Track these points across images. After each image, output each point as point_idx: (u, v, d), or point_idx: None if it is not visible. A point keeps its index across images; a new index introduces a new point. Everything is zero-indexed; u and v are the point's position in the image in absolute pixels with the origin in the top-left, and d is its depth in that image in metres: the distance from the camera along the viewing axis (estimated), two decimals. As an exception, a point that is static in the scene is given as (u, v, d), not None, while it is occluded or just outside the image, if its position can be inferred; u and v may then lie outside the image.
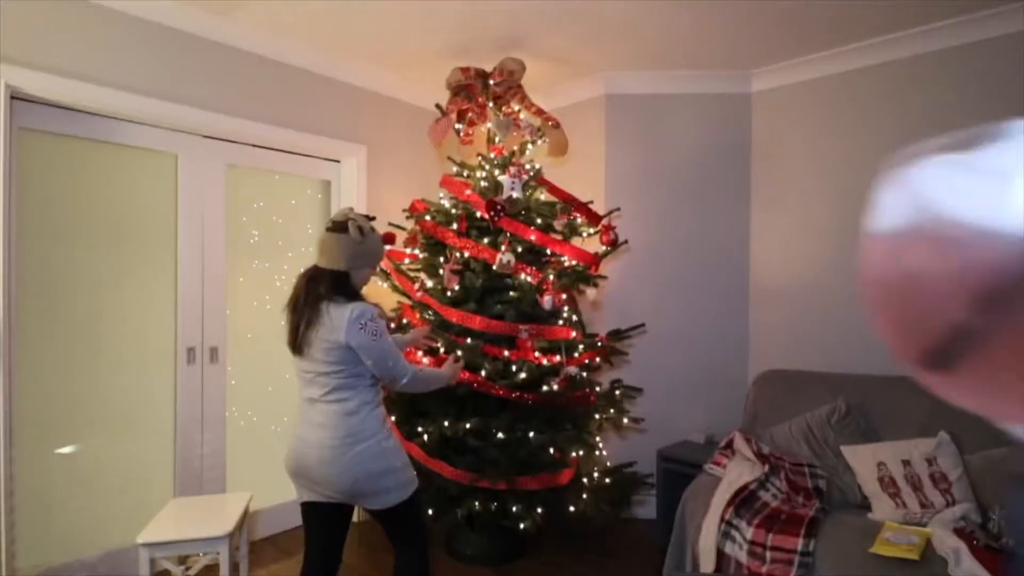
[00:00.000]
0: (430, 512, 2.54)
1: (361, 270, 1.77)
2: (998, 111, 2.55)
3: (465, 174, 2.92)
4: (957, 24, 2.60)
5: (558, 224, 2.74)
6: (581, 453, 2.65)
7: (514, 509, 2.47)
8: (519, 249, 2.67)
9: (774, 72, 3.19)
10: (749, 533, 2.11)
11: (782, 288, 3.22)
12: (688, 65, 3.19)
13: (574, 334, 2.73)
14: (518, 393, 2.46)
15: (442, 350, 2.55)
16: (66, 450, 2.41)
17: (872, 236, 0.24)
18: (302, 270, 1.80)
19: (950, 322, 0.21)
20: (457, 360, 2.09)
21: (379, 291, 3.22)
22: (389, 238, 1.91)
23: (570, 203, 2.83)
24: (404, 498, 1.75)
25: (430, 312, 2.76)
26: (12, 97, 2.17)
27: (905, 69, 2.79)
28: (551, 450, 2.55)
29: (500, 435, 2.48)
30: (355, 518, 3.22)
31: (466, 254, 2.66)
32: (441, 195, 2.95)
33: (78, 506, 2.44)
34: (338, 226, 1.73)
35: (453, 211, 2.79)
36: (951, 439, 2.20)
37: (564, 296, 2.64)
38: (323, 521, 1.79)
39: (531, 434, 2.52)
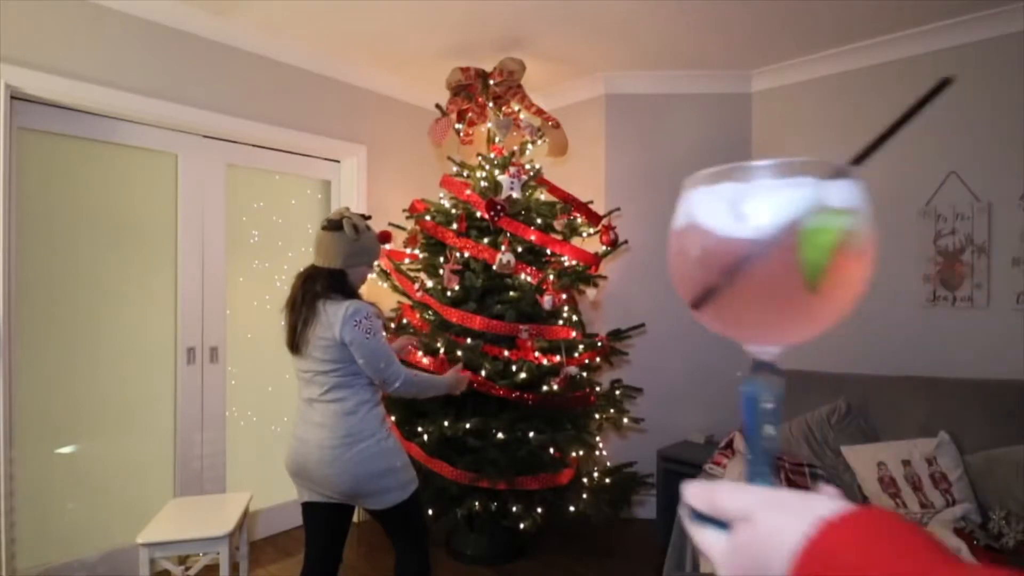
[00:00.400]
0: (430, 512, 2.54)
1: (357, 268, 1.76)
2: (998, 111, 2.55)
3: (465, 174, 2.92)
4: (957, 24, 2.60)
5: (558, 224, 2.74)
6: (581, 453, 2.64)
7: (514, 509, 2.47)
8: (519, 249, 2.67)
9: (774, 72, 3.19)
10: (749, 533, 2.11)
11: (782, 288, 3.21)
12: (688, 65, 3.19)
13: (574, 334, 2.73)
14: (518, 393, 2.46)
15: (442, 350, 2.55)
16: (66, 450, 2.41)
17: (671, 231, 0.40)
18: (300, 270, 1.80)
19: (705, 282, 0.36)
20: (463, 370, 2.06)
21: (379, 291, 3.22)
22: (385, 236, 1.91)
23: (570, 203, 2.83)
24: (404, 498, 1.75)
25: (430, 312, 2.76)
26: (12, 97, 2.17)
27: (905, 69, 2.79)
28: (551, 450, 2.55)
29: (500, 435, 2.48)
30: (355, 518, 3.22)
31: (466, 254, 2.66)
32: (441, 195, 2.95)
33: (78, 506, 2.44)
34: (333, 224, 1.73)
35: (453, 211, 2.79)
36: (951, 439, 2.20)
37: (564, 296, 2.64)
38: (324, 522, 1.78)
39: (531, 434, 2.52)
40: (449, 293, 2.65)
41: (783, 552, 0.30)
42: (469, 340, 2.55)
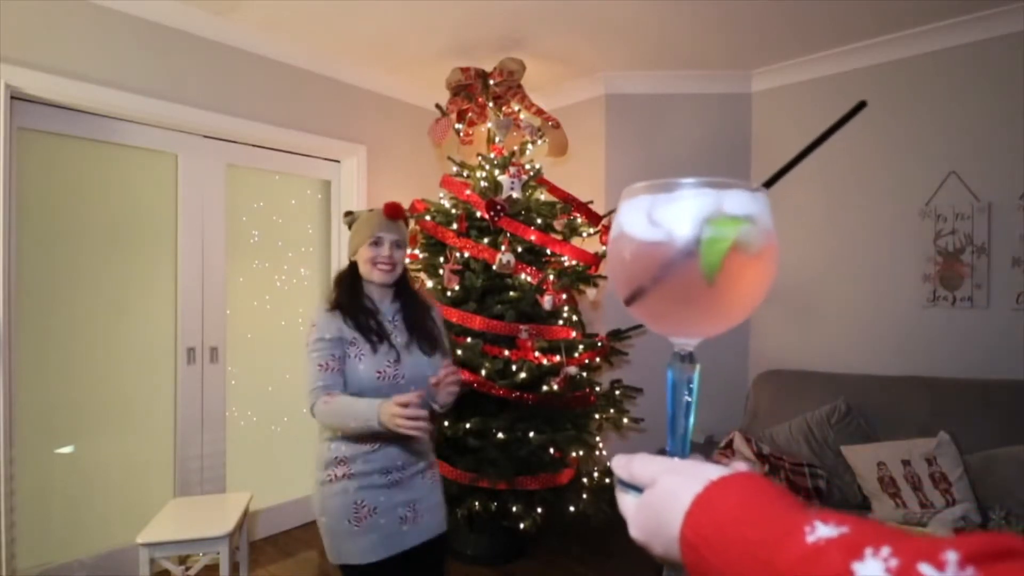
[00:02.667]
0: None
1: (355, 250, 1.56)
2: (998, 111, 2.55)
3: (465, 174, 2.92)
4: (957, 24, 2.60)
5: (558, 224, 2.74)
6: (581, 453, 2.65)
7: (514, 509, 2.47)
8: (519, 249, 2.67)
9: (774, 72, 3.19)
10: (749, 533, 2.11)
11: (782, 288, 3.22)
12: (688, 65, 3.19)
13: (574, 334, 2.73)
14: (518, 393, 2.46)
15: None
16: (66, 450, 2.41)
17: (610, 238, 0.45)
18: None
19: (634, 284, 0.41)
20: (407, 405, 1.24)
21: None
22: (391, 209, 1.55)
23: (570, 203, 2.84)
24: (334, 562, 1.45)
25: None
26: (12, 97, 2.17)
27: (905, 69, 2.79)
28: (551, 450, 2.56)
29: (500, 435, 2.48)
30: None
31: (466, 254, 2.66)
32: (441, 195, 2.95)
33: (78, 506, 2.44)
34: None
35: (453, 211, 2.79)
36: (951, 439, 2.20)
37: (564, 296, 2.64)
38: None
39: (531, 434, 2.52)
40: (449, 293, 2.65)
41: (678, 508, 0.36)
42: (469, 340, 2.55)
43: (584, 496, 2.62)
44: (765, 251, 0.40)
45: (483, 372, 2.48)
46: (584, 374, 2.71)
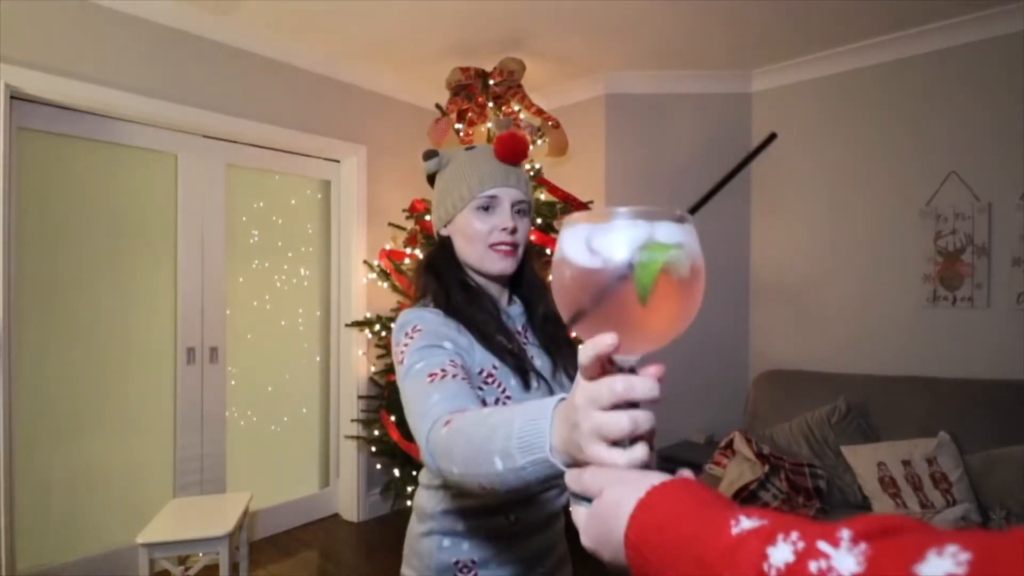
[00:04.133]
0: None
1: (449, 219, 0.97)
2: (998, 111, 2.55)
3: (465, 174, 2.92)
4: (957, 24, 2.60)
5: (558, 224, 2.74)
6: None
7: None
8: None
9: (774, 72, 3.19)
10: (749, 533, 2.11)
11: (782, 288, 3.22)
12: (688, 65, 3.19)
13: (574, 334, 2.72)
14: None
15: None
16: (66, 450, 2.41)
17: (553, 263, 0.47)
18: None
19: (579, 306, 0.44)
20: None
21: (379, 291, 3.22)
22: (508, 146, 0.95)
23: (570, 203, 2.83)
24: None
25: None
26: (12, 97, 2.17)
27: (905, 69, 2.79)
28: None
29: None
30: (355, 518, 3.23)
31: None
32: (441, 195, 2.95)
33: (78, 506, 2.44)
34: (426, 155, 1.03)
35: (453, 211, 2.78)
36: (951, 439, 2.20)
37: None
38: None
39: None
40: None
41: (623, 514, 0.39)
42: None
43: (584, 496, 2.61)
44: (693, 273, 0.44)
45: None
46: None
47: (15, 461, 2.19)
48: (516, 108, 2.92)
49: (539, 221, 2.77)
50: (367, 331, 3.11)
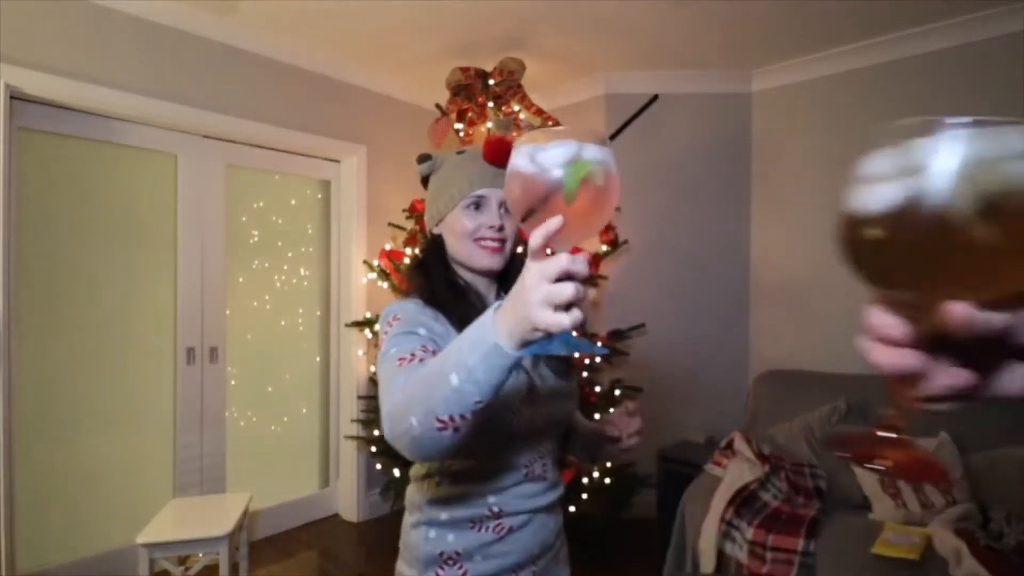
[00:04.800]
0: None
1: (440, 218, 1.01)
2: (998, 111, 2.55)
3: (465, 174, 2.92)
4: (957, 24, 2.60)
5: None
6: (581, 453, 2.64)
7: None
8: (519, 249, 2.66)
9: (774, 72, 3.19)
10: (749, 533, 2.11)
11: (782, 288, 3.22)
12: (688, 65, 3.19)
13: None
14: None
15: None
16: (66, 450, 2.41)
17: (506, 175, 0.60)
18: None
19: (528, 204, 0.57)
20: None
21: (379, 291, 3.22)
22: (494, 149, 0.99)
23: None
24: None
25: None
26: (12, 97, 2.17)
27: (905, 69, 2.79)
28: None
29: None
30: (355, 518, 3.23)
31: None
32: (441, 195, 2.95)
33: (78, 506, 2.44)
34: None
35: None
36: (951, 439, 2.20)
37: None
38: None
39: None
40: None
41: None
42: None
43: (584, 496, 2.61)
44: (608, 182, 0.56)
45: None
46: (584, 374, 2.71)
47: (15, 461, 2.19)
48: (516, 108, 2.92)
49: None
50: (367, 331, 3.11)
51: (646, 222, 3.32)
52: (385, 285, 2.97)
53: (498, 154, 0.97)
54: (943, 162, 0.31)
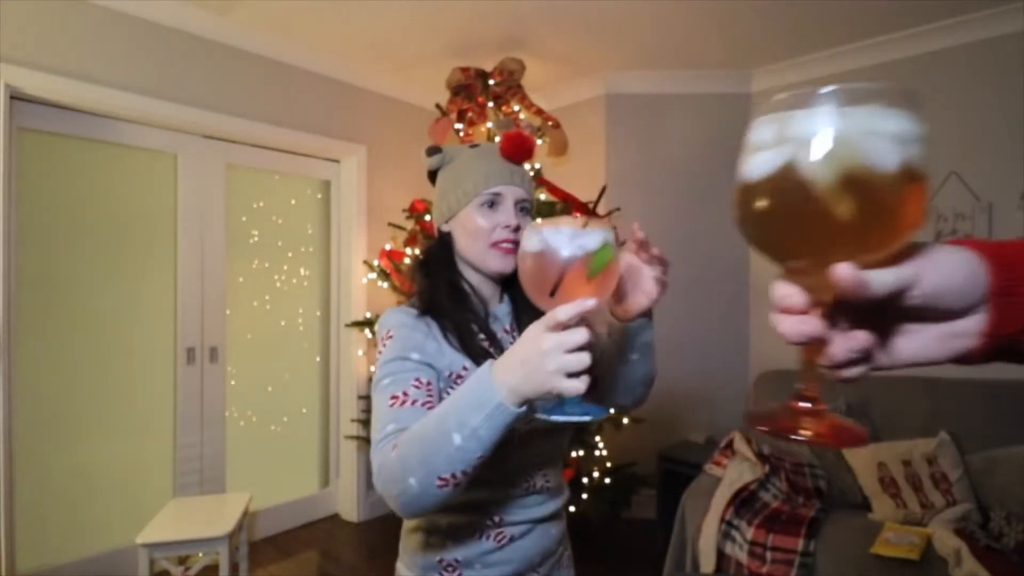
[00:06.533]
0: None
1: (451, 214, 0.94)
2: (998, 111, 2.55)
3: (465, 174, 2.91)
4: (957, 24, 2.60)
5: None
6: (581, 453, 2.64)
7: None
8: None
9: (774, 72, 3.19)
10: (749, 533, 2.11)
11: (782, 288, 3.21)
12: (688, 65, 3.18)
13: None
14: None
15: None
16: (66, 450, 2.41)
17: (527, 252, 0.66)
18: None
19: (558, 277, 0.61)
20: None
21: (379, 291, 3.22)
22: (513, 144, 0.93)
23: (570, 203, 2.83)
24: None
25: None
26: (12, 97, 2.17)
27: (905, 69, 2.79)
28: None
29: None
30: (355, 518, 3.23)
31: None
32: (441, 195, 2.95)
33: (78, 506, 2.44)
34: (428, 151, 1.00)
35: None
36: (951, 439, 2.20)
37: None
38: None
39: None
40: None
41: None
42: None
43: (584, 496, 2.61)
44: (617, 268, 0.67)
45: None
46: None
47: (15, 461, 2.19)
48: (516, 108, 2.92)
49: (538, 221, 2.77)
50: (367, 331, 3.11)
51: (646, 222, 3.29)
52: (385, 285, 2.97)
53: (517, 149, 0.93)
54: (809, 134, 0.33)
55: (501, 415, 0.63)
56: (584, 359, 0.60)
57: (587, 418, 0.65)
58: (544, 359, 0.60)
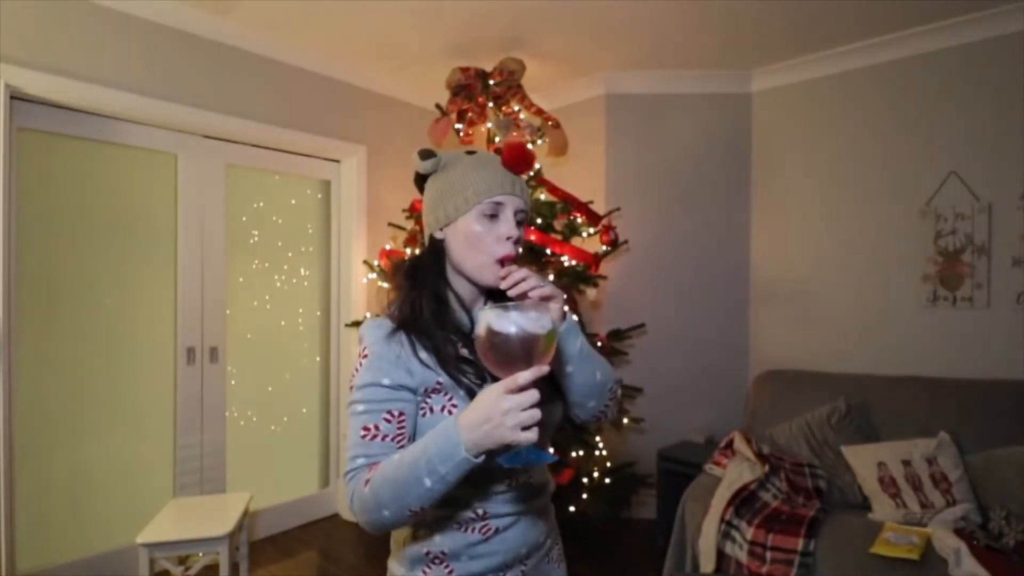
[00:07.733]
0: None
1: (447, 222, 0.93)
2: (998, 111, 2.55)
3: (465, 174, 2.91)
4: (957, 24, 2.60)
5: (558, 224, 2.74)
6: (581, 453, 2.64)
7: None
8: (519, 249, 2.66)
9: (774, 72, 3.19)
10: (749, 533, 2.11)
11: (782, 288, 3.22)
12: (688, 65, 3.19)
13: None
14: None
15: None
16: (66, 450, 2.41)
17: (484, 334, 0.73)
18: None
19: (527, 354, 0.71)
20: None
21: (379, 291, 3.22)
22: (515, 155, 0.92)
23: (570, 203, 2.83)
24: None
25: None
26: (12, 97, 2.17)
27: (905, 69, 2.79)
28: (551, 450, 2.55)
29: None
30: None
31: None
32: (441, 195, 2.95)
33: (78, 506, 2.44)
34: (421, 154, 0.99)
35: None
36: (951, 439, 2.20)
37: (564, 296, 2.64)
38: None
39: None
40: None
41: None
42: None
43: (584, 496, 2.62)
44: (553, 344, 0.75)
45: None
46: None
47: (15, 461, 2.19)
48: (516, 108, 2.92)
49: (539, 221, 2.77)
50: (367, 331, 3.11)
51: (646, 222, 3.32)
52: (385, 285, 2.97)
53: (519, 160, 0.91)
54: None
55: (466, 464, 0.74)
56: (536, 414, 0.70)
57: (540, 463, 0.80)
58: (504, 417, 0.69)
